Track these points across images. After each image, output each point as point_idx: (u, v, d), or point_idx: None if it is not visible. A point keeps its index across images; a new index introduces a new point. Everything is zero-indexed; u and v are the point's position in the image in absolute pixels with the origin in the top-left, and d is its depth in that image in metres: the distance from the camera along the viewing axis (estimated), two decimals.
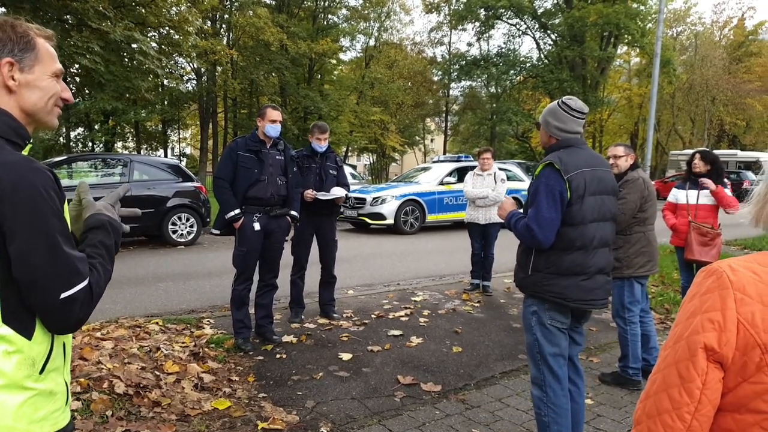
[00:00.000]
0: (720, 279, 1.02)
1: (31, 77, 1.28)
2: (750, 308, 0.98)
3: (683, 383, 1.01)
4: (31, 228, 1.13)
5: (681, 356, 1.02)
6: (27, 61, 1.27)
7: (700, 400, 0.99)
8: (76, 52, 13.04)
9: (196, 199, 11.05)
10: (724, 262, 1.05)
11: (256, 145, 4.75)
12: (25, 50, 1.27)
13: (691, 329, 1.02)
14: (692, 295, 1.06)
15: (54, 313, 1.19)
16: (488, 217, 6.99)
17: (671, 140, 44.95)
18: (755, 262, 1.04)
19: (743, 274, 1.01)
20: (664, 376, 1.05)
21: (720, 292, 1.00)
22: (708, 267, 1.07)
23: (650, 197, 4.18)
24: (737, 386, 0.99)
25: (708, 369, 0.99)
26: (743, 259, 1.05)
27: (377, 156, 45.27)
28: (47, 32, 1.35)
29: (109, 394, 3.53)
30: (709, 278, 1.04)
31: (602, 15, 26.58)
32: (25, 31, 1.28)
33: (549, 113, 2.93)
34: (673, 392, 1.02)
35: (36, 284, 1.15)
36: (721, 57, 41.07)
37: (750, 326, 0.97)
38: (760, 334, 0.96)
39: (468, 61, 35.54)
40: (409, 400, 3.87)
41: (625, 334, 4.23)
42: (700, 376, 0.99)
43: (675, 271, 7.50)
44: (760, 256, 1.06)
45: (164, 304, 6.37)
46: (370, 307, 6.17)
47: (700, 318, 1.01)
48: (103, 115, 21.60)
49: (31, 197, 1.14)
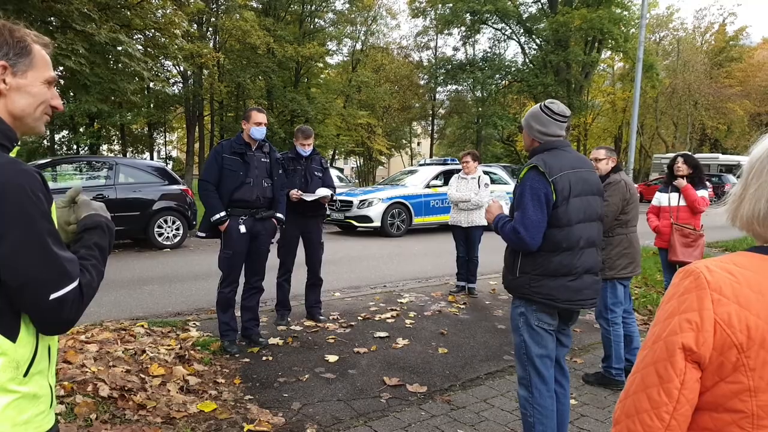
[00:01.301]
0: (697, 280, 1.02)
1: (24, 82, 1.28)
2: (726, 309, 0.99)
3: (662, 383, 1.02)
4: (19, 229, 1.14)
5: (659, 356, 1.03)
6: (21, 65, 1.28)
7: (679, 399, 1.01)
8: (61, 54, 12.91)
9: (182, 201, 10.99)
10: (701, 263, 1.06)
11: (241, 147, 4.75)
12: (21, 55, 1.28)
13: (669, 330, 1.03)
14: (670, 296, 1.07)
15: (44, 314, 1.19)
16: (470, 220, 7.05)
17: (654, 144, 45.44)
18: (731, 262, 1.05)
19: (720, 275, 1.02)
20: (643, 376, 1.06)
21: (697, 293, 1.01)
22: (685, 268, 1.08)
23: (632, 200, 4.23)
24: (714, 385, 1.01)
25: (686, 369, 1.00)
26: (720, 260, 1.06)
27: (364, 159, 45.28)
28: (44, 39, 1.35)
29: (93, 397, 3.51)
30: (687, 279, 1.05)
31: (586, 20, 26.85)
32: (22, 36, 1.29)
33: (532, 117, 2.95)
34: (651, 392, 1.03)
35: (26, 286, 1.15)
36: (703, 62, 41.69)
37: (727, 327, 0.98)
38: (736, 334, 0.98)
39: (454, 65, 35.75)
40: (394, 401, 3.88)
41: (608, 335, 4.28)
42: (678, 376, 1.01)
43: (658, 272, 7.59)
44: (736, 256, 1.07)
45: (150, 307, 6.34)
46: (356, 309, 6.18)
47: (678, 318, 1.02)
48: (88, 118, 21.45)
49: (19, 199, 1.14)
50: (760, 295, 0.99)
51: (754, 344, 0.97)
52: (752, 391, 0.98)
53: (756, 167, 1.09)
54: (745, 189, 1.10)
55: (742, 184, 1.12)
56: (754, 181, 1.08)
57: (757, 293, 1.00)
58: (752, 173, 1.09)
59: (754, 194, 1.07)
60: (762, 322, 0.98)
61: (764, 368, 0.98)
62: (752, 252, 1.08)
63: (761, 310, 0.98)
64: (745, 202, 1.09)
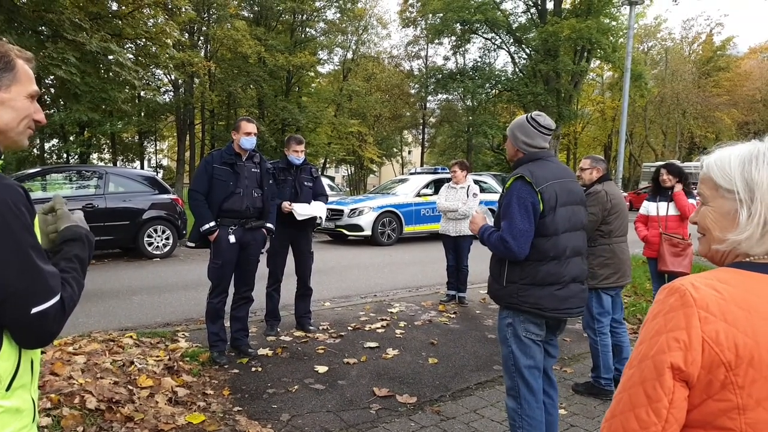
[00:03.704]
0: (683, 297, 1.02)
1: (7, 96, 1.29)
2: (714, 326, 0.98)
3: (650, 403, 1.01)
4: (1, 243, 1.14)
5: (647, 376, 1.02)
6: (5, 80, 1.28)
7: (667, 419, 1.00)
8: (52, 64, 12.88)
9: (172, 211, 10.95)
10: (686, 280, 1.05)
11: (231, 157, 4.75)
12: (4, 70, 1.28)
13: (656, 348, 1.02)
14: (656, 313, 1.06)
15: (26, 329, 1.19)
16: (459, 229, 7.07)
17: (644, 152, 45.77)
18: (716, 279, 1.05)
19: (706, 292, 1.01)
20: (630, 395, 1.04)
21: (684, 311, 1.00)
22: (670, 285, 1.07)
23: (614, 209, 4.22)
24: (702, 403, 1.00)
25: (675, 388, 1.00)
26: (704, 276, 1.06)
27: (355, 167, 45.35)
28: (27, 54, 1.36)
29: (80, 409, 3.48)
30: (672, 296, 1.04)
31: (575, 30, 27.02)
32: (6, 51, 1.29)
33: (517, 127, 2.97)
34: (640, 412, 1.02)
35: (7, 300, 1.15)
36: (691, 71, 42.15)
37: (715, 345, 0.98)
38: (724, 352, 0.97)
39: (444, 74, 35.85)
40: (384, 412, 3.87)
41: (596, 345, 4.29)
42: (667, 396, 1.00)
43: (647, 281, 7.63)
44: (720, 272, 1.07)
45: (138, 318, 6.30)
46: (346, 319, 6.17)
47: (665, 337, 1.01)
48: (78, 127, 21.31)
49: (1, 213, 1.14)
50: (747, 313, 0.99)
51: (743, 362, 0.97)
52: (741, 409, 0.98)
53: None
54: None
55: (759, 208, 1.07)
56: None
57: (745, 310, 0.99)
58: (762, 192, 1.06)
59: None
60: (750, 340, 0.98)
61: (753, 386, 0.98)
62: (735, 268, 1.08)
63: (749, 328, 0.98)
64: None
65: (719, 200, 1.13)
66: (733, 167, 1.10)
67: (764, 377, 0.98)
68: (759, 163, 1.08)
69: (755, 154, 1.09)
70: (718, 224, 1.13)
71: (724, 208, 1.12)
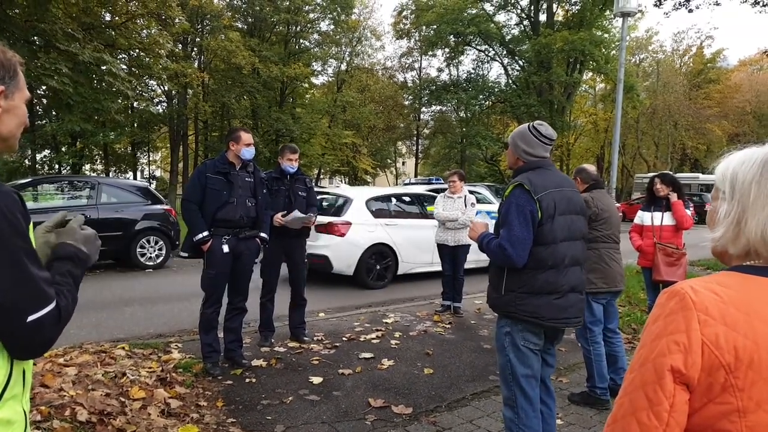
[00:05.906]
0: (683, 300, 1.02)
1: (13, 104, 1.27)
2: (714, 329, 0.98)
3: (651, 406, 1.00)
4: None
5: (648, 379, 1.02)
6: (11, 87, 1.27)
7: (668, 422, 0.99)
8: (44, 74, 12.86)
9: (165, 221, 10.89)
10: (686, 283, 1.05)
11: (225, 167, 4.73)
12: (12, 77, 1.27)
13: (657, 351, 1.02)
14: (656, 317, 1.06)
15: (20, 338, 1.16)
16: (457, 239, 7.06)
17: (636, 163, 46.05)
18: (715, 282, 1.05)
19: (705, 295, 1.01)
20: (632, 399, 1.04)
21: (684, 314, 1.01)
22: (670, 288, 1.07)
23: (600, 216, 4.24)
24: (703, 407, 1.00)
25: (675, 391, 0.99)
26: (704, 280, 1.06)
27: (349, 178, 45.36)
28: (19, 58, 1.34)
29: (71, 422, 3.42)
30: (672, 300, 1.04)
31: (568, 42, 27.26)
32: (11, 57, 1.28)
33: (519, 136, 2.99)
34: (641, 416, 1.01)
35: (1, 307, 1.12)
36: (682, 83, 42.53)
37: (714, 348, 0.98)
38: (724, 355, 0.97)
39: (438, 86, 36.07)
40: (380, 423, 3.84)
41: (589, 354, 4.28)
42: (668, 399, 0.99)
43: (641, 291, 7.63)
44: (719, 276, 1.07)
45: (131, 329, 6.24)
46: (341, 330, 6.13)
47: (665, 340, 1.01)
48: (70, 137, 21.21)
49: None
50: (746, 315, 0.99)
51: (742, 365, 0.97)
52: (741, 412, 0.97)
53: (746, 187, 1.07)
54: (744, 211, 1.08)
55: (734, 207, 1.09)
56: (758, 202, 1.06)
57: (744, 313, 0.99)
58: (741, 193, 1.08)
59: (760, 214, 1.05)
60: (749, 343, 0.97)
61: (753, 389, 0.97)
62: (734, 271, 1.08)
63: (748, 331, 0.98)
64: (749, 224, 1.06)
65: (715, 200, 1.17)
66: (730, 168, 1.13)
67: (764, 379, 0.97)
68: (748, 164, 1.10)
69: (754, 156, 1.10)
70: (710, 223, 1.17)
71: (715, 206, 1.16)
